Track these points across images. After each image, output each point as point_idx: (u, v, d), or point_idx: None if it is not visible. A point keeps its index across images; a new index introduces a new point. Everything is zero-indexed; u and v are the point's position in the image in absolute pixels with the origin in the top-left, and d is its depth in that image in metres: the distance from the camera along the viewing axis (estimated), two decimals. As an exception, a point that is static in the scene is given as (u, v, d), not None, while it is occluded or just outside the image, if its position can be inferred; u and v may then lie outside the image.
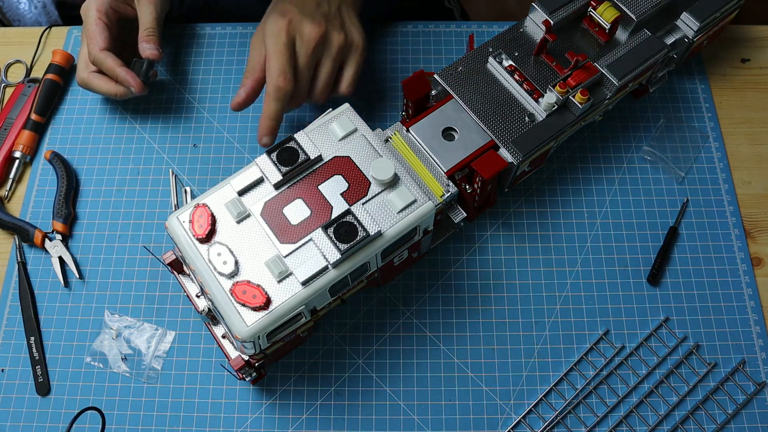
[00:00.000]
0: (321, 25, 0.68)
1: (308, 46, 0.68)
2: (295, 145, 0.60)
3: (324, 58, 0.70)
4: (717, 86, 0.81)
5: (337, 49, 0.69)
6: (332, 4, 0.71)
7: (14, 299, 0.70)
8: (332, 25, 0.69)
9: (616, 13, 0.69)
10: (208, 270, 0.56)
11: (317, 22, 0.68)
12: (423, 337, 0.68)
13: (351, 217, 0.57)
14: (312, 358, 0.68)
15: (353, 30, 0.71)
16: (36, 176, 0.77)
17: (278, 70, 0.66)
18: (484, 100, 0.68)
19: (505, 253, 0.72)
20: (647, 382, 0.67)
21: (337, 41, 0.69)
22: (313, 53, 0.68)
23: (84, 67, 0.74)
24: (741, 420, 0.65)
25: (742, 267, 0.71)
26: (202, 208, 0.58)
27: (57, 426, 0.65)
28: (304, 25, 0.68)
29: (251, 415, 0.66)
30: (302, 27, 0.68)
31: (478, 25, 0.85)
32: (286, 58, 0.67)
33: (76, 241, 0.73)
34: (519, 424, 0.65)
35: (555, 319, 0.69)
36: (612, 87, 0.68)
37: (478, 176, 0.64)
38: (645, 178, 0.75)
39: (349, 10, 0.72)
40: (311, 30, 0.68)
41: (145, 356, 0.67)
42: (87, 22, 0.73)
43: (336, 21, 0.70)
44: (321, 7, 0.70)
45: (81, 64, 0.74)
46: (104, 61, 0.72)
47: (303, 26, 0.68)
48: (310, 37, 0.68)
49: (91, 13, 0.73)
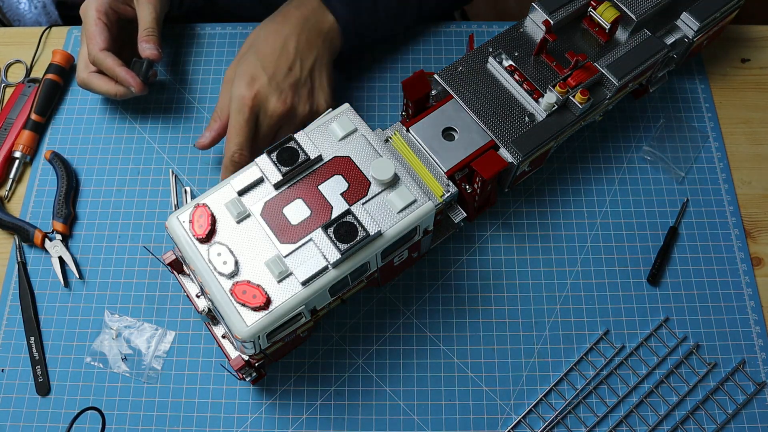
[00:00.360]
0: (286, 101, 0.69)
1: (271, 120, 0.69)
2: (295, 145, 0.60)
3: (285, 126, 0.70)
4: (717, 86, 0.81)
5: (299, 120, 0.70)
6: (305, 66, 0.70)
7: (14, 299, 0.70)
8: (299, 96, 0.70)
9: (616, 13, 0.69)
10: (208, 270, 0.56)
11: (283, 98, 0.68)
12: (423, 337, 0.68)
13: (351, 217, 0.57)
14: (312, 358, 0.68)
15: (320, 97, 0.71)
16: (36, 176, 0.76)
17: (236, 145, 0.67)
18: (484, 100, 0.68)
19: (505, 253, 0.72)
20: (647, 382, 0.67)
21: (301, 113, 0.70)
22: (275, 126, 0.69)
23: (84, 67, 0.74)
24: (741, 420, 0.65)
25: (742, 267, 0.71)
26: (202, 208, 0.58)
27: (57, 426, 0.65)
28: (269, 101, 0.68)
29: (251, 415, 0.66)
30: (267, 103, 0.68)
31: (478, 25, 0.85)
32: (245, 135, 0.68)
33: (76, 241, 0.73)
34: (519, 424, 0.65)
35: (555, 319, 0.69)
36: (612, 87, 0.68)
37: (478, 176, 0.64)
38: (645, 178, 0.75)
39: (321, 71, 0.72)
40: (276, 107, 0.68)
41: (145, 356, 0.67)
42: (86, 23, 0.73)
43: (304, 90, 0.70)
44: (292, 72, 0.70)
45: (81, 64, 0.74)
46: (104, 61, 0.72)
47: (268, 102, 0.68)
48: (273, 114, 0.68)
49: (91, 13, 0.72)
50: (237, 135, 0.67)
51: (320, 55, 0.72)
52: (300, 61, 0.70)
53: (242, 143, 0.67)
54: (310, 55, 0.71)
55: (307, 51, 0.71)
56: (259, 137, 0.69)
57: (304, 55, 0.71)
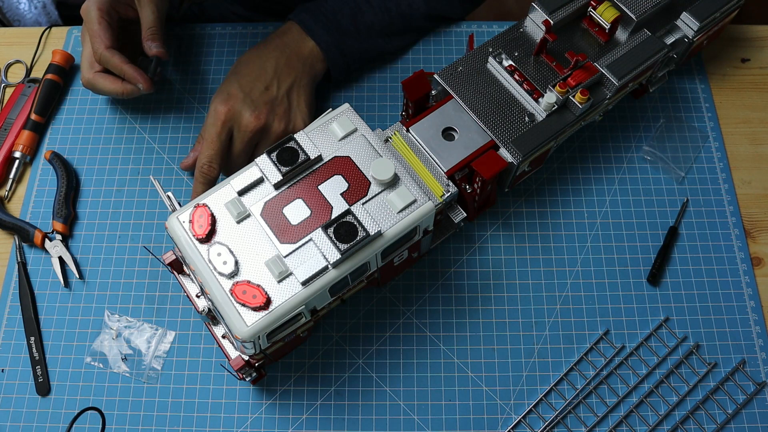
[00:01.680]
0: (260, 116, 0.69)
1: (244, 136, 0.69)
2: (295, 145, 0.60)
3: (261, 143, 0.71)
4: (717, 86, 0.81)
5: (274, 137, 0.71)
6: (282, 86, 0.71)
7: (14, 299, 0.70)
8: (274, 113, 0.70)
9: (616, 13, 0.69)
10: (208, 270, 0.56)
11: (257, 114, 0.69)
12: (423, 337, 0.68)
13: (351, 217, 0.57)
14: (312, 358, 0.68)
15: (297, 116, 0.72)
16: (36, 176, 0.76)
17: (207, 158, 0.69)
18: (484, 100, 0.68)
19: (505, 253, 0.72)
20: (647, 382, 0.67)
21: (276, 130, 0.71)
22: (249, 142, 0.70)
23: (88, 67, 0.73)
24: (741, 420, 0.65)
25: (742, 267, 0.71)
26: (202, 208, 0.58)
27: (57, 426, 0.65)
28: (242, 115, 0.69)
29: (251, 415, 0.66)
30: (241, 118, 0.69)
31: (478, 25, 0.85)
32: (216, 148, 0.69)
33: (76, 241, 0.73)
34: (519, 424, 0.65)
35: (555, 319, 0.69)
36: (612, 87, 0.68)
37: (478, 176, 0.64)
38: (645, 178, 0.75)
39: (299, 92, 0.72)
40: (249, 122, 0.69)
41: (145, 356, 0.67)
42: (89, 21, 0.72)
43: (280, 108, 0.71)
44: (269, 91, 0.71)
45: (85, 64, 0.73)
46: (111, 59, 0.71)
47: (242, 117, 0.69)
48: (246, 129, 0.69)
49: (93, 12, 0.71)
50: (208, 148, 0.69)
51: (299, 77, 0.73)
52: (278, 81, 0.71)
53: (212, 156, 0.68)
54: (288, 77, 0.72)
55: (286, 72, 0.72)
56: (234, 153, 0.70)
57: (282, 76, 0.72)
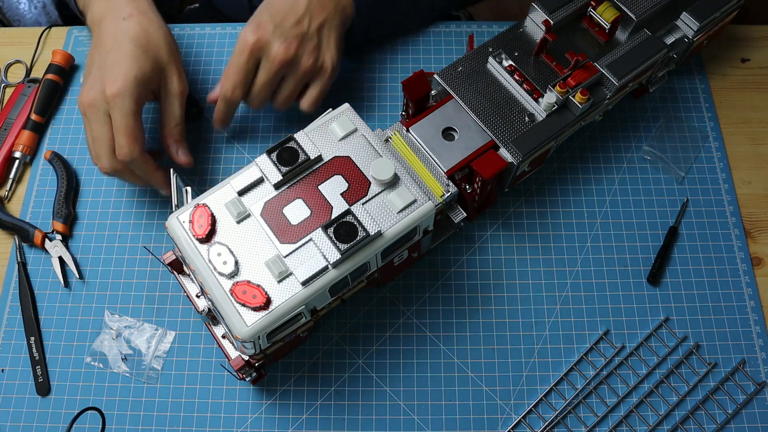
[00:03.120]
0: (290, 48, 0.68)
1: (272, 66, 0.69)
2: (295, 145, 0.60)
3: (288, 77, 0.70)
4: (717, 86, 0.81)
5: (303, 71, 0.70)
6: (313, 22, 0.70)
7: (14, 299, 0.70)
8: (305, 48, 0.69)
9: (616, 13, 0.69)
10: (208, 270, 0.56)
11: (286, 44, 0.68)
12: (423, 337, 0.68)
13: (351, 217, 0.57)
14: (312, 358, 0.68)
15: (326, 54, 0.71)
16: (36, 176, 0.76)
17: (231, 84, 0.69)
18: (484, 100, 0.68)
19: (505, 253, 0.72)
20: (647, 382, 0.67)
21: (305, 64, 0.70)
22: (276, 73, 0.69)
23: (110, 154, 0.65)
24: (741, 420, 0.65)
25: (742, 267, 0.71)
26: (202, 208, 0.58)
27: (57, 426, 0.65)
28: (272, 46, 0.68)
29: (251, 415, 0.66)
30: (270, 48, 0.68)
31: (478, 25, 0.85)
32: (240, 76, 0.69)
33: (76, 241, 0.73)
34: (519, 424, 0.65)
35: (555, 319, 0.69)
36: (612, 87, 0.68)
37: (478, 176, 0.64)
38: (645, 178, 0.75)
39: (330, 31, 0.71)
40: (278, 53, 0.68)
41: (145, 356, 0.67)
42: (124, 115, 0.64)
43: (311, 43, 0.70)
44: (300, 25, 0.69)
45: (104, 148, 0.65)
46: (143, 166, 0.66)
47: (271, 47, 0.68)
48: (275, 59, 0.68)
49: (129, 105, 0.64)
50: (233, 75, 0.69)
51: (330, 16, 0.71)
52: (310, 16, 0.70)
53: (237, 83, 0.68)
54: (321, 14, 0.71)
55: (318, 9, 0.71)
56: (258, 83, 0.69)
57: (315, 13, 0.70)
